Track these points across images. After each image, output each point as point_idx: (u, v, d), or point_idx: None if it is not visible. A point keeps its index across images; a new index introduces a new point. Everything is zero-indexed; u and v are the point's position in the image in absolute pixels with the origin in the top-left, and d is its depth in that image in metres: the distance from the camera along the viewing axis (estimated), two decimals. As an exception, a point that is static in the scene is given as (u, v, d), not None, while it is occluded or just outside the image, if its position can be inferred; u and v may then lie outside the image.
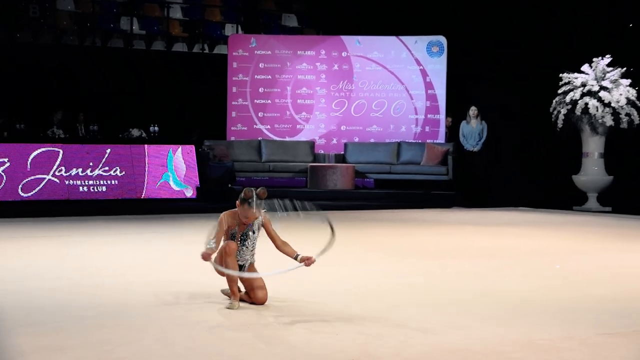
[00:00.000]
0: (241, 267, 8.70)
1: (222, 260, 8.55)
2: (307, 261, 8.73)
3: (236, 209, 8.69)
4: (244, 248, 8.77)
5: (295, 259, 8.75)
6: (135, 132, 21.08)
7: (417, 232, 16.26)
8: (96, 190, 19.25)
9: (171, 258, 12.28)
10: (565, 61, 21.43)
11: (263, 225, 8.84)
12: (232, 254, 8.53)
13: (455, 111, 23.70)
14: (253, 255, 8.90)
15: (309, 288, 9.79)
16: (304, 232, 9.73)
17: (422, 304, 8.97)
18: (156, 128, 21.07)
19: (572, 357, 6.86)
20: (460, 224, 17.70)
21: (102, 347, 6.96)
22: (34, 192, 18.65)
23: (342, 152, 23.77)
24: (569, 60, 21.38)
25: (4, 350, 6.79)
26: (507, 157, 23.43)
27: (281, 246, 8.86)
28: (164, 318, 7.94)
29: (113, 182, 19.38)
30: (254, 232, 8.81)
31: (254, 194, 8.60)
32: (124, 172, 19.48)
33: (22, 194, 18.57)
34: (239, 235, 8.74)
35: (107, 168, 19.33)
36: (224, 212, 8.76)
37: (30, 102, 22.41)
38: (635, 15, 22.12)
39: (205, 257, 8.45)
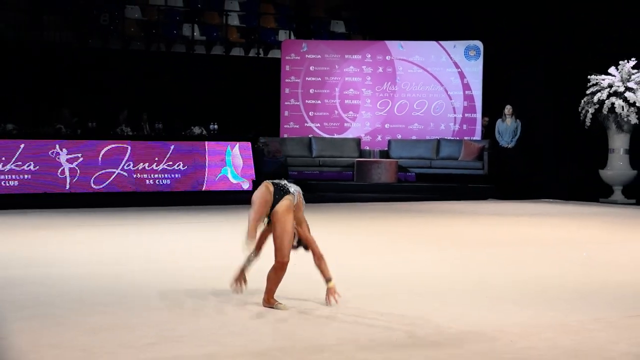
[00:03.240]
0: None
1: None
2: (329, 297, 7.85)
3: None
4: None
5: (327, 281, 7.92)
6: (196, 130, 21.14)
7: (455, 223, 16.20)
8: (161, 183, 19.34)
9: (227, 245, 12.31)
10: (593, 64, 21.27)
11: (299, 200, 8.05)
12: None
13: (491, 110, 23.61)
14: None
15: (356, 275, 9.79)
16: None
17: (460, 289, 8.95)
18: (215, 126, 21.09)
19: (600, 338, 6.83)
20: (494, 215, 17.63)
21: (164, 325, 7.01)
22: (104, 184, 18.74)
23: (386, 148, 23.73)
24: (596, 63, 21.22)
25: (81, 324, 6.86)
26: (539, 152, 23.31)
27: (310, 242, 8.00)
28: (218, 300, 7.96)
29: (176, 175, 19.46)
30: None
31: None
32: (186, 167, 19.55)
33: (94, 186, 18.66)
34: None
35: (170, 163, 19.40)
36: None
37: (100, 102, 22.53)
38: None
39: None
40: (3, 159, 17.86)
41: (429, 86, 24.21)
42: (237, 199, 19.31)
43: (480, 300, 8.26)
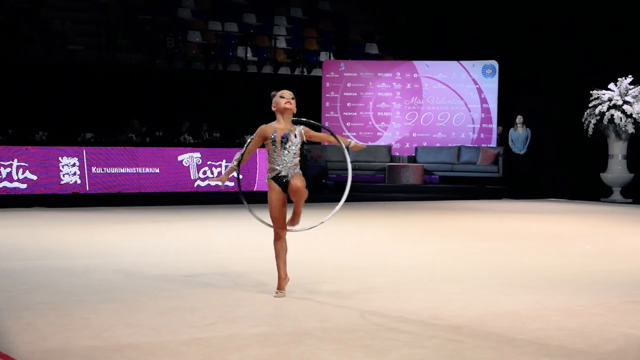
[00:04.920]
0: (283, 177, 7.77)
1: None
2: (356, 147, 8.04)
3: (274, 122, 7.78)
4: (285, 152, 7.69)
5: (347, 148, 8.04)
6: (249, 139, 21.19)
7: (473, 218, 16.15)
8: (216, 184, 19.37)
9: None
10: (594, 80, 21.15)
11: (305, 134, 7.76)
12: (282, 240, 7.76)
13: (506, 121, 23.53)
14: (295, 164, 7.77)
15: (387, 263, 9.80)
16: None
17: (476, 276, 8.92)
18: (265, 135, 21.15)
19: (602, 321, 6.78)
20: (508, 212, 17.55)
21: (223, 308, 7.04)
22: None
23: (414, 154, 23.71)
24: (598, 79, 21.10)
25: (150, 307, 6.90)
26: (548, 158, 23.20)
27: (329, 139, 8.05)
28: (269, 287, 7.98)
29: (231, 177, 19.48)
30: (295, 137, 7.71)
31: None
32: (240, 170, 19.57)
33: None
34: (279, 137, 7.69)
35: (227, 165, 19.46)
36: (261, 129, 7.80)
37: (164, 114, 22.66)
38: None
39: (221, 178, 8.08)
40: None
41: (451, 100, 24.15)
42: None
43: (496, 287, 8.22)
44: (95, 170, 18.08)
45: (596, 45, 22.21)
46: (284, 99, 7.79)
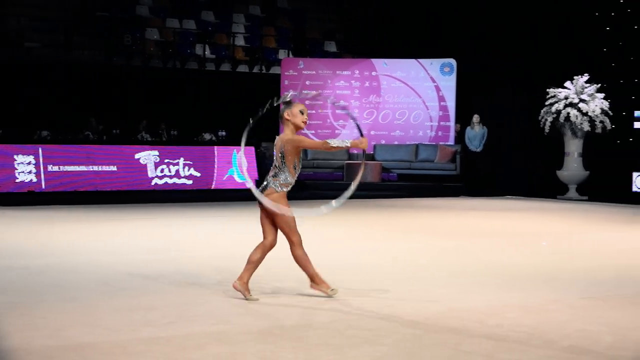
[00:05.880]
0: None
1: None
2: (362, 145, 7.61)
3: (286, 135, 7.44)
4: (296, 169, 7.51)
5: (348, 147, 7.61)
6: (207, 136, 21.16)
7: (431, 216, 16.23)
8: (175, 182, 19.31)
9: (233, 236, 12.34)
10: (551, 78, 21.34)
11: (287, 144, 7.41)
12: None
13: (463, 119, 23.64)
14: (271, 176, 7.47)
15: (344, 262, 9.81)
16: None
17: (436, 274, 8.97)
18: (223, 133, 21.12)
19: (558, 317, 6.85)
20: (465, 209, 17.65)
21: (181, 307, 7.02)
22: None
23: (372, 152, 23.75)
24: (554, 77, 21.29)
25: (107, 306, 6.87)
26: (505, 155, 23.33)
27: (319, 144, 7.56)
28: (228, 285, 7.97)
29: (189, 175, 19.44)
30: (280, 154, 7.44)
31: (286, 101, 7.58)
32: (198, 168, 19.55)
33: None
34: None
35: (185, 164, 19.38)
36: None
37: (122, 112, 22.54)
38: (609, 41, 22.00)
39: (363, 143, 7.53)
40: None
41: (409, 98, 24.23)
42: (242, 196, 19.34)
43: (455, 284, 8.27)
44: (52, 168, 17.93)
45: (553, 44, 22.40)
46: (303, 117, 7.59)
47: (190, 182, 19.46)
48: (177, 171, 19.30)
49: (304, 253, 7.46)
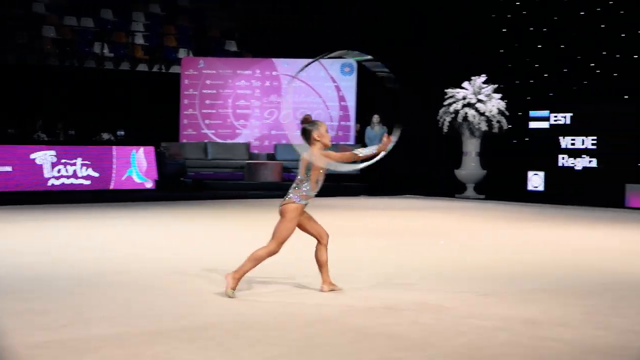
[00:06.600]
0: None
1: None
2: (384, 145, 8.18)
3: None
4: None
5: (361, 161, 8.09)
6: (105, 136, 20.87)
7: (331, 215, 16.29)
8: (72, 182, 18.99)
9: (133, 237, 12.18)
10: (449, 79, 21.66)
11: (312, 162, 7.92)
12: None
13: (363, 119, 23.80)
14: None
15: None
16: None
17: (335, 273, 8.98)
18: (122, 132, 20.85)
19: (456, 314, 6.92)
20: (365, 208, 17.78)
21: (78, 309, 6.90)
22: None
23: (273, 152, 23.74)
24: (452, 78, 21.61)
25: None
26: (404, 155, 23.53)
27: (346, 157, 8.09)
28: (127, 286, 7.87)
29: (87, 175, 19.14)
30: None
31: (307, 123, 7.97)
32: (96, 168, 19.25)
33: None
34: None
35: (82, 164, 19.08)
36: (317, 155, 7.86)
37: (17, 111, 22.08)
38: (505, 42, 22.40)
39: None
40: None
41: (310, 98, 24.30)
42: (141, 196, 19.14)
43: (352, 283, 8.29)
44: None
45: (451, 45, 22.72)
46: (329, 135, 8.10)
47: (88, 182, 19.16)
48: (75, 171, 18.98)
49: (261, 259, 7.66)
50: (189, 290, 7.78)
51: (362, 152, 8.06)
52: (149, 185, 19.93)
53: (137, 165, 19.82)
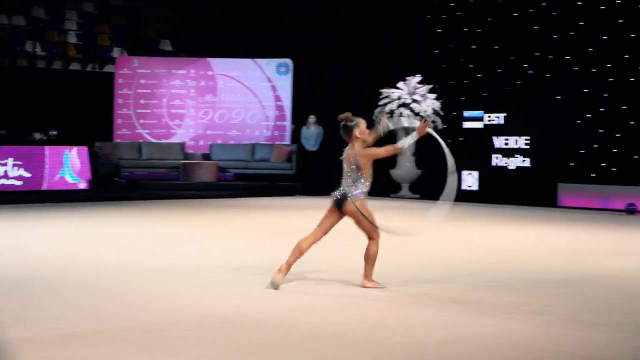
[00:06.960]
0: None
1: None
2: (422, 129, 8.56)
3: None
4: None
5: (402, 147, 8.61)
6: (37, 136, 20.61)
7: (267, 215, 16.33)
8: (3, 182, 18.72)
9: (70, 239, 12.07)
10: (384, 79, 21.81)
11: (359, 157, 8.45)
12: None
13: (299, 119, 23.84)
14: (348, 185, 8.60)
15: (180, 262, 9.76)
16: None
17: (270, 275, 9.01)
18: (55, 132, 20.62)
19: (401, 312, 6.98)
20: (301, 208, 17.82)
21: (22, 311, 6.83)
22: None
23: (208, 152, 23.67)
24: (387, 78, 21.76)
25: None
26: (339, 155, 23.64)
27: (390, 151, 8.62)
28: (73, 287, 7.81)
29: (19, 176, 18.88)
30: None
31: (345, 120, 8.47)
32: (28, 168, 19.01)
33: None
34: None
35: (14, 164, 18.82)
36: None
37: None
38: (440, 43, 22.62)
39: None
40: None
41: (246, 98, 24.27)
42: (74, 197, 18.95)
43: (298, 282, 8.33)
44: None
45: (386, 45, 22.87)
46: (370, 132, 8.65)
47: (20, 182, 18.91)
48: (6, 172, 18.71)
49: (376, 253, 8.31)
50: (132, 291, 7.75)
51: (404, 144, 8.60)
52: (83, 185, 19.73)
53: (70, 165, 19.61)
